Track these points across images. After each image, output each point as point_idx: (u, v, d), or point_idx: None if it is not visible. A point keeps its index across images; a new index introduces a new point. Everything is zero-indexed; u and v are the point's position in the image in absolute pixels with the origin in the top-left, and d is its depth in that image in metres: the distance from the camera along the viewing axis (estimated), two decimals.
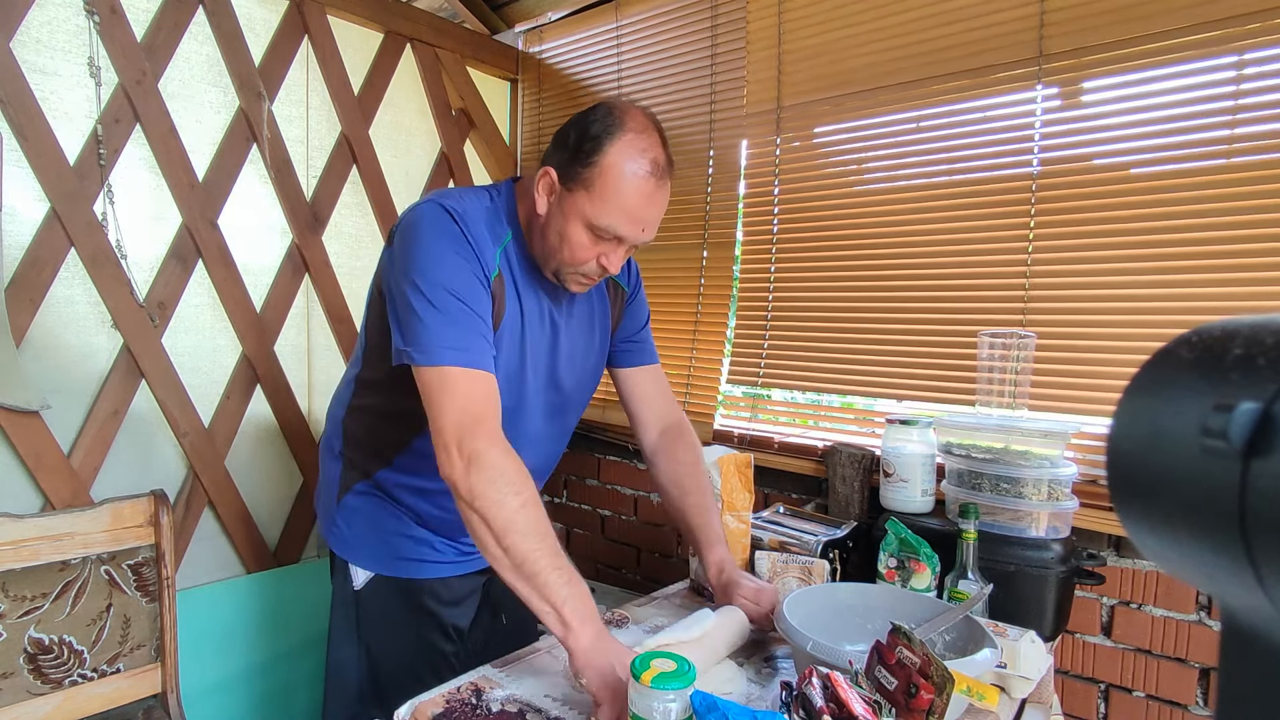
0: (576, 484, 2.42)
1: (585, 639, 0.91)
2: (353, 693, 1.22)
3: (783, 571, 1.28)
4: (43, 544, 1.35)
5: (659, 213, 1.08)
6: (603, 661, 0.90)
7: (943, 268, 1.65)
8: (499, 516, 0.93)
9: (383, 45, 2.12)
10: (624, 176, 1.02)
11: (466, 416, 0.97)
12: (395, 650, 1.22)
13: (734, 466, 1.36)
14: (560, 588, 0.93)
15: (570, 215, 1.05)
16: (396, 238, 1.09)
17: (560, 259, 1.09)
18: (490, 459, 0.95)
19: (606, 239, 1.06)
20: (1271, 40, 1.26)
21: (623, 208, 1.03)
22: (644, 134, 1.04)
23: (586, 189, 1.03)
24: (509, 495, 0.94)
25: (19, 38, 1.49)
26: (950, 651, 1.01)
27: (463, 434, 0.96)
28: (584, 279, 1.12)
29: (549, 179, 1.07)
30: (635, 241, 1.08)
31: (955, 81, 1.61)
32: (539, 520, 0.96)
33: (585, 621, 0.92)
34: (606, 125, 1.04)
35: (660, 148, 1.06)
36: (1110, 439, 0.33)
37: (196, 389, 1.78)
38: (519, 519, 0.94)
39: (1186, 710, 1.37)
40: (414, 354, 1.00)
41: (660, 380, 1.38)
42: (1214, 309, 1.33)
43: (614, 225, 1.04)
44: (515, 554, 0.93)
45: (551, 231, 1.08)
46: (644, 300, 1.39)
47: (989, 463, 1.32)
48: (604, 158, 1.02)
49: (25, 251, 1.51)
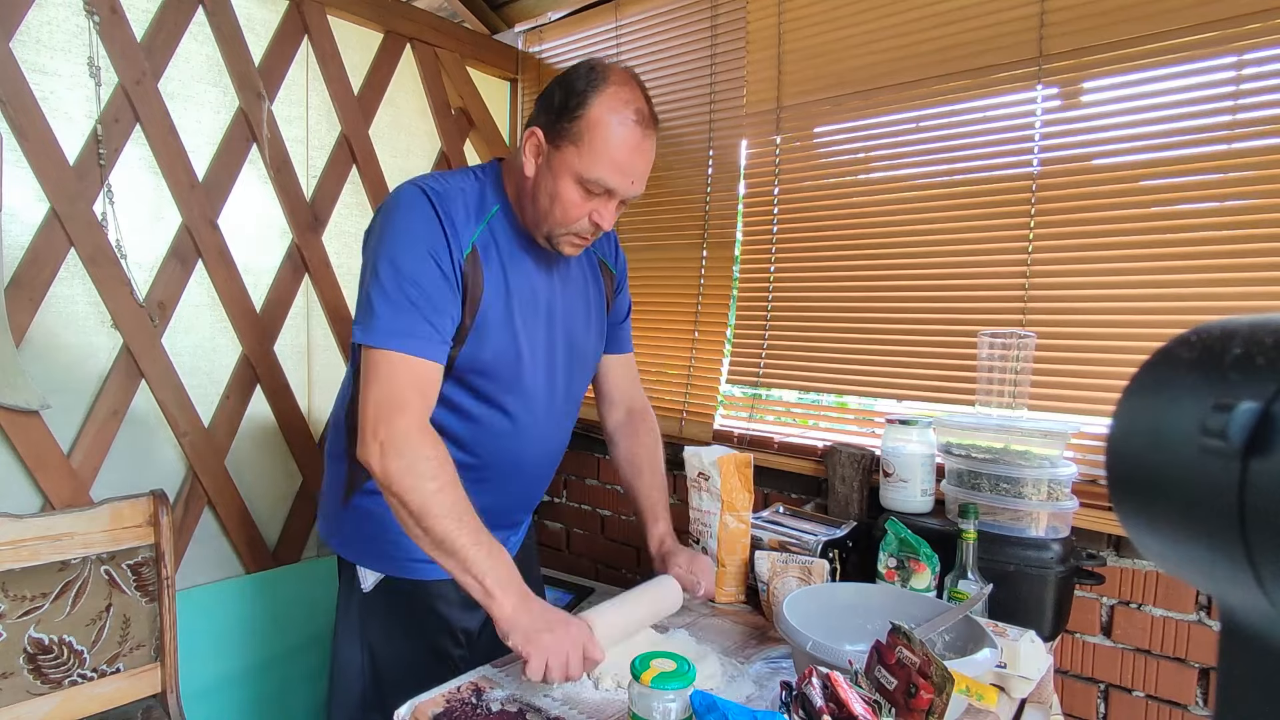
0: (576, 484, 2.42)
1: (508, 605, 0.96)
2: (358, 695, 1.22)
3: (782, 571, 1.28)
4: (42, 544, 1.35)
5: (647, 164, 1.10)
6: (525, 620, 0.95)
7: (943, 267, 1.65)
8: (414, 500, 0.97)
9: (382, 45, 2.12)
10: (611, 127, 1.04)
11: (389, 401, 1.00)
12: (402, 653, 1.21)
13: (734, 466, 1.36)
14: (480, 560, 0.97)
15: (560, 172, 1.07)
16: (375, 218, 1.12)
17: (552, 220, 1.10)
18: (407, 445, 0.98)
19: (597, 193, 1.08)
20: (1271, 40, 1.26)
21: (611, 159, 1.05)
22: (626, 85, 1.07)
23: (575, 143, 1.05)
24: (425, 480, 0.98)
25: (19, 37, 1.48)
26: (950, 651, 1.01)
27: (380, 418, 0.99)
28: (577, 239, 1.13)
29: (536, 139, 1.09)
30: (625, 194, 1.10)
31: (955, 81, 1.61)
32: (457, 501, 0.99)
33: (506, 588, 0.96)
34: (590, 80, 1.06)
35: (643, 99, 1.08)
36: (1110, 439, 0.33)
37: (196, 389, 1.77)
38: (435, 501, 0.97)
39: (1186, 710, 1.37)
40: (358, 332, 1.04)
41: (632, 368, 1.46)
42: (1213, 309, 1.33)
43: (604, 177, 1.06)
44: (434, 534, 0.97)
45: (542, 193, 1.09)
46: (628, 291, 1.43)
47: (989, 463, 1.32)
48: (589, 110, 1.04)
49: (25, 251, 1.51)
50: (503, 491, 1.24)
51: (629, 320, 1.44)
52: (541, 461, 1.28)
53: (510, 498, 1.27)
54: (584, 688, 1.01)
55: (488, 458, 1.19)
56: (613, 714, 0.94)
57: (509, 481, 1.24)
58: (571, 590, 2.18)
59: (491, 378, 1.14)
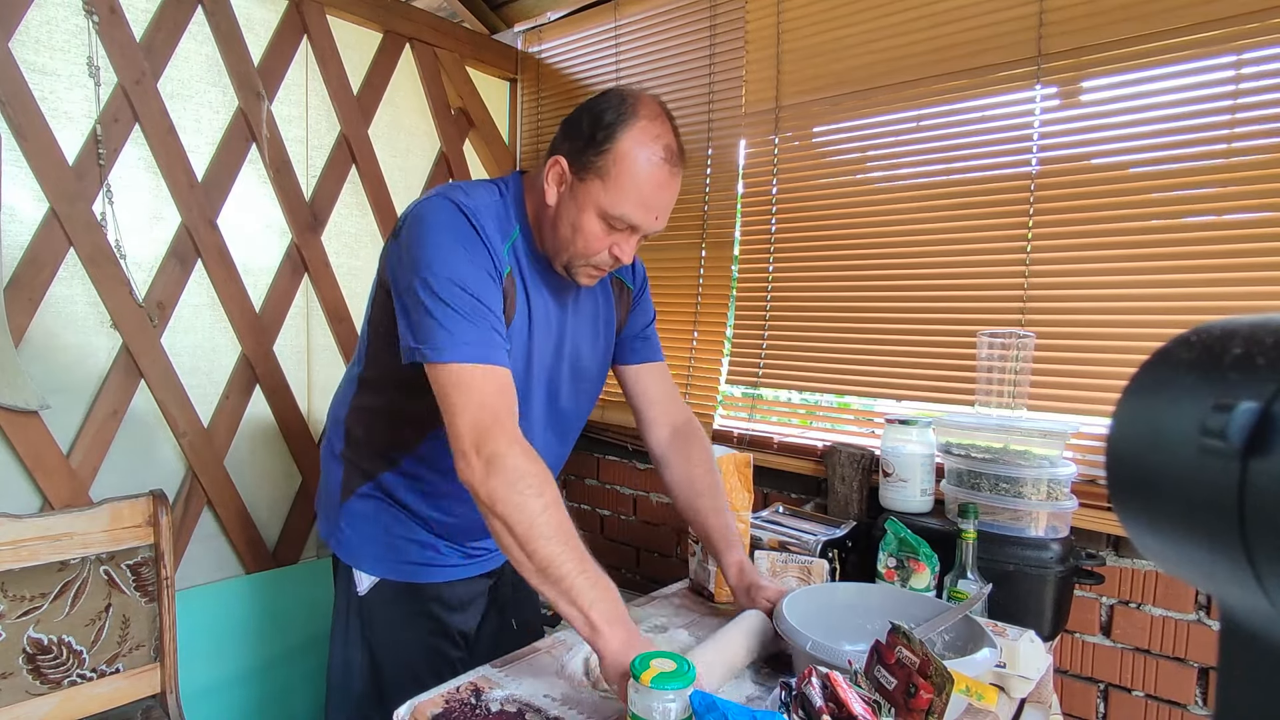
0: (576, 484, 2.42)
1: (615, 642, 0.89)
2: (355, 698, 1.21)
3: (782, 571, 1.28)
4: (42, 544, 1.35)
5: (671, 200, 1.07)
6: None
7: (942, 267, 1.65)
8: (521, 521, 0.91)
9: (382, 45, 2.12)
10: (639, 163, 1.01)
11: (484, 416, 0.94)
12: (399, 655, 1.20)
13: (733, 466, 1.36)
14: (587, 591, 0.90)
15: (584, 205, 1.04)
16: (404, 231, 1.05)
17: (573, 250, 1.07)
18: (509, 461, 0.92)
19: (620, 228, 1.05)
20: (1270, 40, 1.27)
21: (638, 195, 1.02)
22: (657, 120, 1.03)
23: (600, 177, 1.02)
24: (531, 498, 0.92)
25: (18, 37, 1.48)
26: (949, 651, 1.01)
27: (480, 436, 0.93)
28: (595, 271, 1.10)
29: (560, 168, 1.06)
30: (648, 230, 1.07)
31: (954, 81, 1.61)
32: (562, 522, 0.93)
33: (614, 624, 0.90)
34: (620, 112, 1.02)
35: (672, 135, 1.05)
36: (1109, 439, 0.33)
37: (195, 389, 1.77)
38: (541, 522, 0.91)
39: (1186, 710, 1.37)
40: (426, 351, 0.97)
41: (666, 378, 1.36)
42: (1213, 309, 1.33)
43: (628, 214, 1.03)
44: (539, 559, 0.91)
45: (564, 223, 1.06)
46: (650, 299, 1.37)
47: (988, 462, 1.32)
48: (618, 145, 1.01)
49: (24, 251, 1.51)
50: None
51: (654, 327, 1.36)
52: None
53: None
54: (584, 688, 1.01)
55: None
56: (613, 714, 0.94)
57: None
58: None
59: None
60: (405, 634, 1.21)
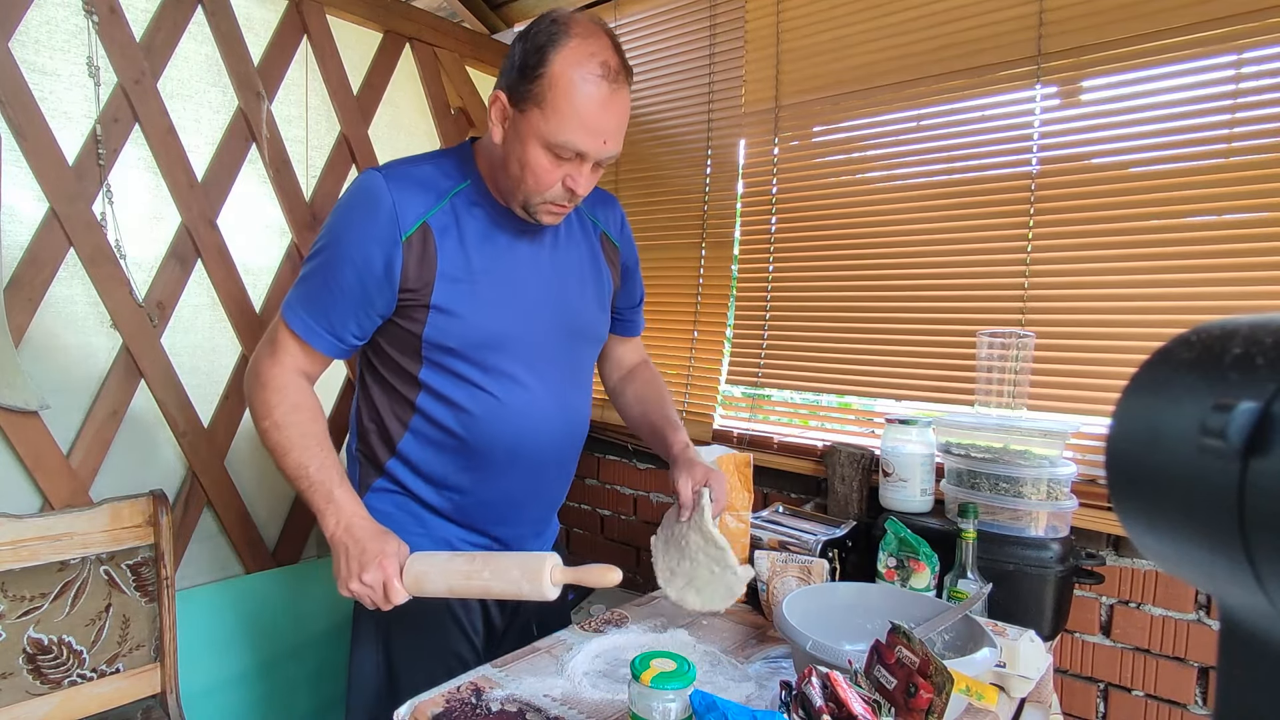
0: (576, 484, 2.41)
1: (332, 523, 1.03)
2: (374, 693, 1.21)
3: (782, 571, 1.28)
4: (42, 544, 1.35)
5: (619, 122, 1.02)
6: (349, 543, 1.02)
7: (941, 267, 1.65)
8: (269, 439, 1.08)
9: (382, 45, 2.12)
10: (574, 84, 0.97)
11: (268, 356, 1.10)
12: (417, 652, 1.20)
13: (733, 466, 1.36)
14: (314, 473, 1.05)
15: (526, 137, 1.01)
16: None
17: (525, 188, 1.05)
18: (266, 380, 1.09)
19: (567, 157, 1.01)
20: (1270, 40, 1.27)
21: (578, 120, 0.98)
22: (591, 38, 0.99)
23: (538, 105, 0.98)
24: (262, 418, 1.07)
25: (18, 38, 1.48)
26: (949, 651, 1.01)
27: (255, 367, 1.11)
28: (554, 207, 1.08)
29: (500, 104, 1.03)
30: (598, 156, 1.02)
31: (954, 81, 1.61)
32: (302, 427, 1.07)
33: (337, 505, 1.04)
34: (550, 34, 0.98)
35: (611, 50, 1.00)
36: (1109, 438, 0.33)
37: (196, 389, 1.77)
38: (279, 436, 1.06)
39: (1186, 709, 1.37)
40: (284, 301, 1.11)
41: (641, 349, 1.46)
42: (1213, 308, 1.33)
43: (572, 140, 0.99)
44: (285, 469, 1.07)
45: (512, 160, 1.04)
46: (640, 278, 1.40)
47: (988, 462, 1.32)
48: (550, 68, 0.97)
49: (24, 251, 1.51)
50: (507, 481, 1.19)
51: (640, 308, 1.42)
52: (548, 446, 1.21)
53: (520, 490, 1.21)
54: (584, 688, 1.01)
55: (479, 443, 1.15)
56: (613, 714, 0.94)
57: (510, 470, 1.18)
58: (571, 590, 2.18)
59: (466, 359, 1.11)
60: (422, 631, 1.20)
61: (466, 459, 1.15)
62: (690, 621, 1.25)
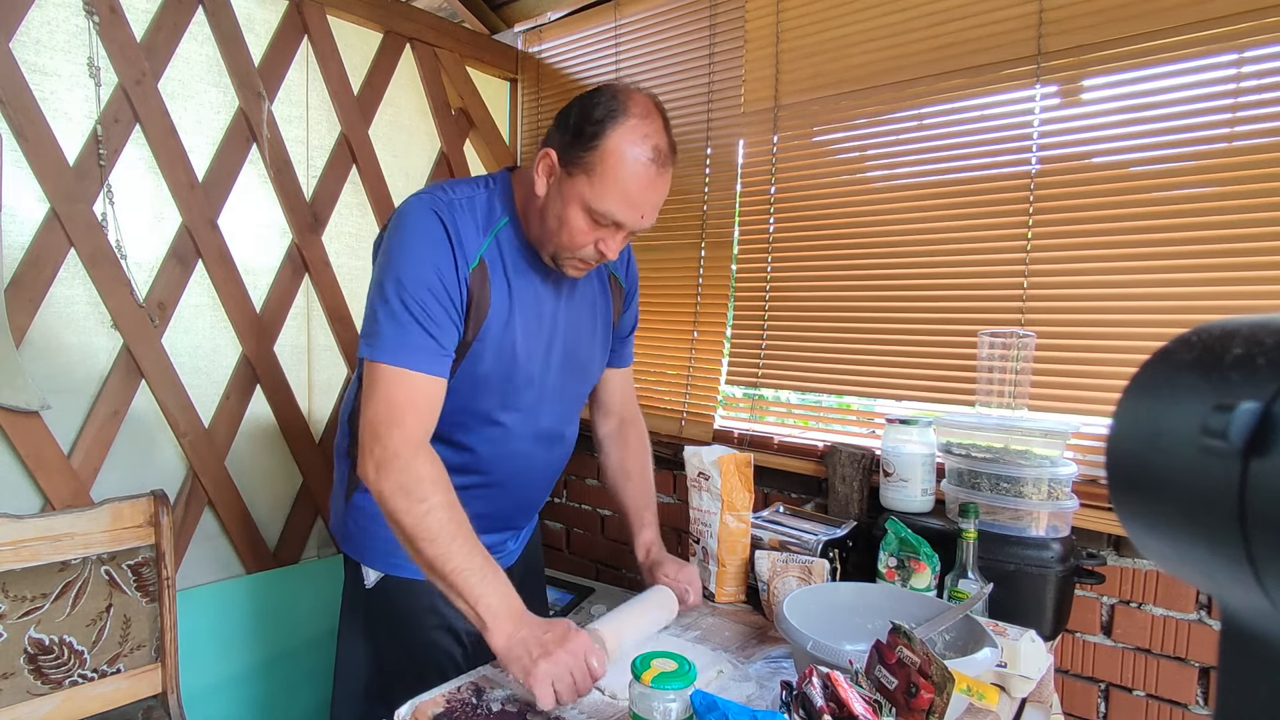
0: (576, 484, 2.42)
1: (501, 637, 0.95)
2: (360, 692, 1.22)
3: (782, 571, 1.28)
4: (43, 544, 1.35)
5: (659, 199, 1.08)
6: (520, 651, 0.94)
7: (941, 267, 1.65)
8: (407, 523, 0.98)
9: (382, 45, 2.12)
10: (625, 162, 1.02)
11: (385, 418, 1.01)
12: (405, 649, 1.21)
13: (734, 466, 1.36)
14: (474, 586, 0.97)
15: (569, 199, 1.05)
16: (386, 229, 1.11)
17: (558, 243, 1.08)
18: (398, 463, 0.99)
19: (605, 224, 1.06)
20: (1270, 39, 1.26)
21: (623, 194, 1.03)
22: (647, 119, 1.04)
23: (587, 173, 1.03)
24: (415, 502, 0.98)
25: (18, 38, 1.48)
26: (950, 651, 1.01)
27: (375, 435, 1.01)
28: (580, 264, 1.12)
29: (549, 160, 1.07)
30: (634, 228, 1.08)
31: (953, 80, 1.61)
32: (446, 523, 0.99)
33: (498, 617, 0.96)
34: (610, 109, 1.03)
35: (663, 133, 1.05)
36: (1110, 439, 0.33)
37: (196, 389, 1.77)
38: (424, 526, 0.98)
39: (1186, 709, 1.37)
40: (363, 346, 1.05)
41: (630, 380, 1.47)
42: (1214, 308, 1.33)
43: (613, 211, 1.04)
44: (425, 558, 0.98)
45: (550, 214, 1.08)
46: (637, 307, 1.43)
47: (989, 462, 1.32)
48: (605, 142, 1.02)
49: (25, 252, 1.51)
50: (502, 500, 1.24)
51: (633, 336, 1.44)
52: (541, 470, 1.28)
53: (510, 506, 1.28)
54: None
55: (483, 469, 1.19)
56: (613, 714, 0.94)
57: (507, 490, 1.24)
58: (571, 590, 2.18)
59: (487, 390, 1.14)
60: (410, 628, 1.21)
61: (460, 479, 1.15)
62: (690, 621, 1.25)
